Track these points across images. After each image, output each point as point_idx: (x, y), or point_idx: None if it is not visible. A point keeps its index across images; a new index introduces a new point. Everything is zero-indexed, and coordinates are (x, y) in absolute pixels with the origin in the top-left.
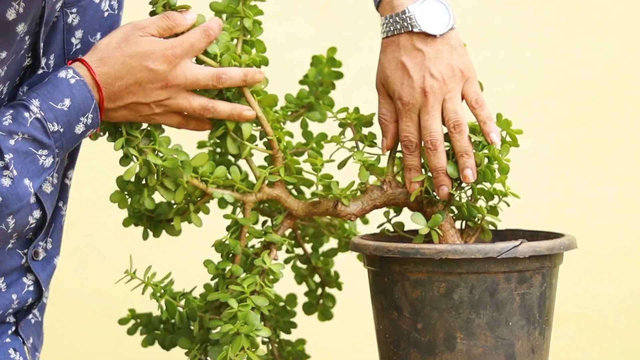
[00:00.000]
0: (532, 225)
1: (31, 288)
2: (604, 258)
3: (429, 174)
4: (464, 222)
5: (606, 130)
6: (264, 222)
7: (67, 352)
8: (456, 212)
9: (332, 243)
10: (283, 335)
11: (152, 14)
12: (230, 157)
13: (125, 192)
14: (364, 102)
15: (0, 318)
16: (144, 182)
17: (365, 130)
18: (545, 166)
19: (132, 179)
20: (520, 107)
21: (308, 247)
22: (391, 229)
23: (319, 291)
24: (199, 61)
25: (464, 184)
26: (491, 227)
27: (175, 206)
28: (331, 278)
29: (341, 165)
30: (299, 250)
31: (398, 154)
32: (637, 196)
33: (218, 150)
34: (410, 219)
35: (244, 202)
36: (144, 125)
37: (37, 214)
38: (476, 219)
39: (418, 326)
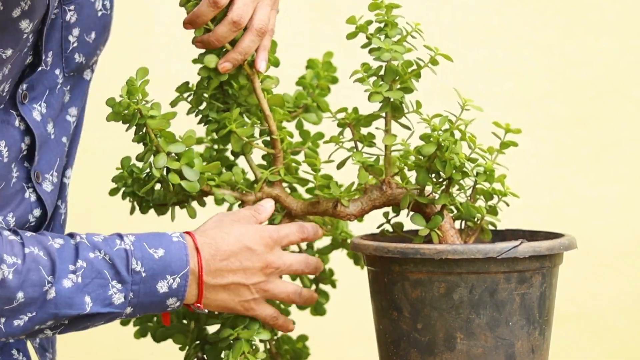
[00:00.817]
0: (532, 225)
1: None
2: (604, 258)
3: None
4: (463, 222)
5: (606, 130)
6: None
7: (70, 348)
8: (455, 212)
9: (326, 240)
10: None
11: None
12: (228, 155)
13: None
14: (363, 102)
15: None
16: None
17: (364, 131)
18: (545, 166)
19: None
20: (520, 107)
21: (303, 244)
22: (390, 229)
23: (313, 287)
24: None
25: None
26: (491, 227)
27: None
28: (325, 275)
29: (340, 165)
30: (293, 247)
31: (395, 154)
32: (637, 196)
33: (215, 146)
34: (410, 220)
35: (243, 202)
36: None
37: (37, 212)
38: (476, 219)
39: (418, 326)
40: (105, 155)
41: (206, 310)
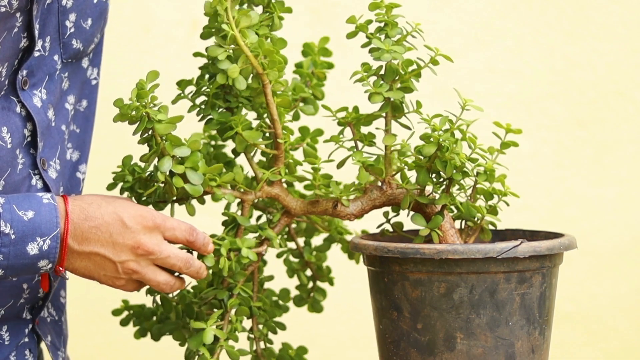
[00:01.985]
0: (532, 225)
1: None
2: (603, 258)
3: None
4: (463, 222)
5: (607, 131)
6: (259, 217)
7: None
8: (456, 211)
9: (323, 236)
10: (283, 339)
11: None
12: (225, 152)
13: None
14: (363, 102)
15: (13, 310)
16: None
17: (364, 130)
18: (546, 167)
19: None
20: (521, 109)
21: (300, 241)
22: (390, 229)
23: (310, 284)
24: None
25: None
26: (491, 227)
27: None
28: (322, 272)
29: (340, 165)
30: (291, 245)
31: (396, 153)
32: (637, 197)
33: (212, 143)
34: (410, 220)
35: (243, 201)
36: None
37: None
38: (476, 219)
39: (418, 326)
40: (106, 154)
41: (68, 277)
